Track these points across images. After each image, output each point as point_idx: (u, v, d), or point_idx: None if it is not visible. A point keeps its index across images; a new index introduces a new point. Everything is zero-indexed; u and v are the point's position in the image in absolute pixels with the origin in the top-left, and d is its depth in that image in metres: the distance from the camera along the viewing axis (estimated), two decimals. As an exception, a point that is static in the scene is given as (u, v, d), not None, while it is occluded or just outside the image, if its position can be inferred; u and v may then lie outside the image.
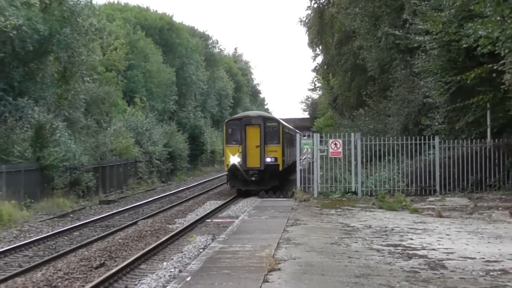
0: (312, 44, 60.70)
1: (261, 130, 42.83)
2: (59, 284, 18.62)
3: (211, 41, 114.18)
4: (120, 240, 26.08)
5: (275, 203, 28.24)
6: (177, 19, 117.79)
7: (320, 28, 52.93)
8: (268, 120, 44.74)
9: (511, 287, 12.04)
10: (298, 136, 40.57)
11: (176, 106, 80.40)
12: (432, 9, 29.23)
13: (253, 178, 42.46)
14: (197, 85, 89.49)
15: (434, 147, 30.43)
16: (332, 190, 30.78)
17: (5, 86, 42.47)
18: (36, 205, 37.69)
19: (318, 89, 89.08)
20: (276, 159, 42.77)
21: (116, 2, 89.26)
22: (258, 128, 42.97)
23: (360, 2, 40.10)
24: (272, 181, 42.83)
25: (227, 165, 43.12)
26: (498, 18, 21.71)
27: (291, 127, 62.88)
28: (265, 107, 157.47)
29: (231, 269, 13.53)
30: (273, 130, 43.46)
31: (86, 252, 23.72)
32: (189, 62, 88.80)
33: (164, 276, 18.75)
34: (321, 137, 32.62)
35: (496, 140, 29.85)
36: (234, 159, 42.15)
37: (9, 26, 38.28)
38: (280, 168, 43.29)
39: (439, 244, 16.94)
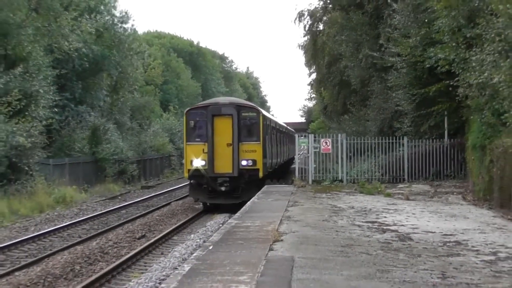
0: (308, 64, 60.51)
1: (234, 123, 27.20)
2: (110, 251, 18.71)
3: (228, 61, 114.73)
4: (157, 217, 26.20)
5: (278, 189, 28.17)
6: (196, 40, 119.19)
7: (314, 51, 52.73)
8: (243, 108, 28.51)
9: (463, 255, 12.05)
10: (296, 136, 37.18)
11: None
12: (402, 36, 29.17)
13: (222, 188, 27.01)
14: (217, 96, 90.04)
15: (403, 145, 30.36)
16: (323, 178, 30.67)
17: (68, 96, 42.71)
18: (91, 190, 37.94)
19: (313, 99, 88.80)
20: (254, 161, 27.53)
21: (153, 31, 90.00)
22: (230, 120, 27.26)
23: (345, 31, 40.00)
24: (249, 192, 26.16)
25: (188, 170, 27.46)
26: (454, 44, 21.70)
27: (281, 123, 47.07)
28: (271, 113, 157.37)
29: (244, 240, 13.54)
30: (251, 123, 27.95)
31: (130, 226, 23.84)
32: (211, 78, 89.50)
33: (192, 245, 18.82)
34: (314, 137, 32.53)
35: (452, 140, 29.80)
36: (198, 162, 26.86)
37: (72, 49, 38.48)
38: (261, 174, 27.89)
39: (407, 221, 16.92)
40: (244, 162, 27.45)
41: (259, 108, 30.25)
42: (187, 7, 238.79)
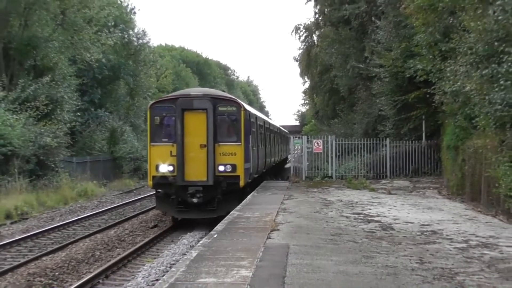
0: (302, 73, 60.29)
1: (209, 119, 20.16)
2: (126, 238, 18.73)
3: (230, 71, 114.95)
4: (168, 209, 26.13)
5: (275, 184, 28.22)
6: (201, 51, 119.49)
7: (307, 62, 52.68)
8: (221, 101, 20.97)
9: (439, 243, 12.08)
10: (291, 137, 36.42)
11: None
12: (385, 50, 29.21)
13: (194, 200, 20.05)
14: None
15: (386, 146, 30.38)
16: (315, 175, 30.70)
17: (89, 101, 42.90)
18: (110, 184, 37.94)
19: (306, 104, 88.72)
20: (234, 167, 20.40)
21: (165, 44, 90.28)
22: (203, 115, 20.22)
23: (335, 45, 40.05)
24: (228, 204, 19.80)
25: (153, 177, 20.72)
26: (430, 57, 21.70)
27: (272, 122, 40.26)
28: (269, 117, 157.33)
29: (245, 229, 13.57)
30: (230, 119, 20.74)
31: (144, 217, 23.84)
32: (216, 86, 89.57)
33: (199, 233, 18.82)
34: (307, 138, 32.62)
35: (429, 141, 29.81)
36: (164, 168, 20.19)
37: (93, 60, 38.67)
38: (241, 182, 20.60)
39: (389, 213, 16.95)
40: (221, 168, 20.25)
41: (240, 101, 21.98)
42: (194, 21, 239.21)
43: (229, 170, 20.25)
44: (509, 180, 14.85)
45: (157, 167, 20.34)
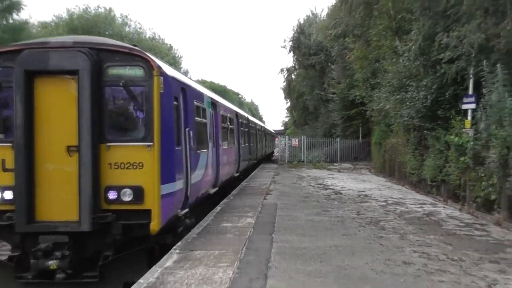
0: (285, 97, 60.08)
1: (84, 93, 3.67)
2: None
3: (240, 95, 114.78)
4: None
5: (269, 166, 28.17)
6: (217, 79, 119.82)
7: (288, 90, 52.41)
8: (111, 57, 3.88)
9: (369, 202, 12.14)
10: (279, 136, 35.89)
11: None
12: (336, 83, 29.31)
13: (50, 263, 3.76)
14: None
15: (337, 142, 30.46)
16: (293, 160, 30.68)
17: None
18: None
19: (288, 117, 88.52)
20: (138, 192, 4.02)
21: (201, 79, 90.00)
22: (73, 86, 3.76)
23: (305, 80, 40.07)
24: (128, 268, 4.00)
25: None
26: (364, 87, 21.84)
27: (251, 117, 21.78)
28: (264, 124, 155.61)
29: (250, 193, 13.62)
30: (132, 94, 3.89)
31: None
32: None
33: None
34: (289, 138, 32.67)
35: (363, 139, 29.88)
36: None
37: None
38: (155, 224, 4.26)
39: (338, 183, 17.01)
40: (112, 195, 4.78)
41: (153, 57, 5.15)
42: (213, 57, 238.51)
43: (129, 198, 5.36)
44: (411, 164, 14.97)
45: None
